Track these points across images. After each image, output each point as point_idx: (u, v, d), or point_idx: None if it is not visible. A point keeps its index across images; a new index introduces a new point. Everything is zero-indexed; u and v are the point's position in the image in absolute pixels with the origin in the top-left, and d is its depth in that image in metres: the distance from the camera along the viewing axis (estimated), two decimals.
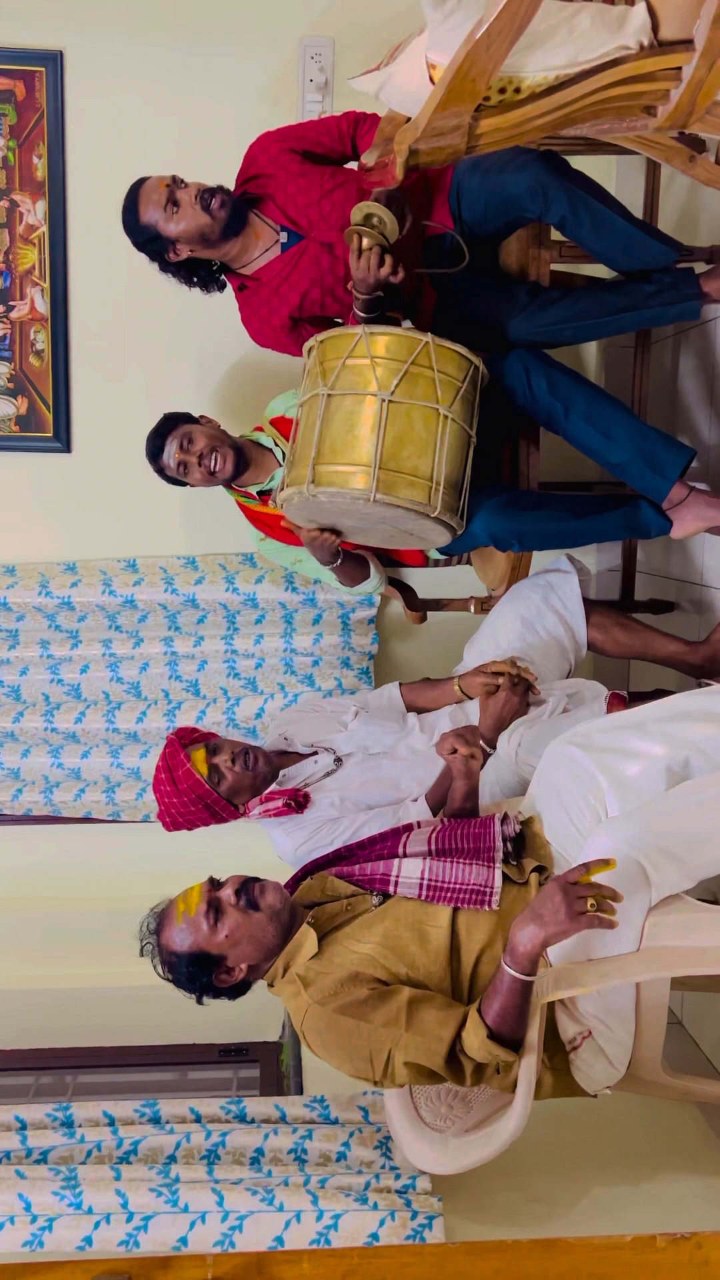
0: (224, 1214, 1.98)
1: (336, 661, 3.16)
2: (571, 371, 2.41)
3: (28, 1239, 1.97)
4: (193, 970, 1.87)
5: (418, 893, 1.88)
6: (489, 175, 2.36)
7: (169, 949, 1.90)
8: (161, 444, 2.60)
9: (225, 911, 1.87)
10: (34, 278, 3.07)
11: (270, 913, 1.88)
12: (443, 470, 2.22)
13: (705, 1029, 2.55)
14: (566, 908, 1.59)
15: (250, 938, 1.87)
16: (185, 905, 1.90)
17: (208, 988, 1.90)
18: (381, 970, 1.81)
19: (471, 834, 1.95)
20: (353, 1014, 1.76)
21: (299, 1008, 1.83)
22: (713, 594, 2.65)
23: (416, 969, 1.81)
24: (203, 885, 1.92)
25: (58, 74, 2.98)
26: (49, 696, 3.18)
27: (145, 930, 1.95)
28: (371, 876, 1.95)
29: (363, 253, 2.18)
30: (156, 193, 2.41)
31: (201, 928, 1.86)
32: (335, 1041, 1.79)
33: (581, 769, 1.86)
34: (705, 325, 2.67)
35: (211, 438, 2.61)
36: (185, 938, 1.87)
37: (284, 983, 1.88)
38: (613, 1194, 2.11)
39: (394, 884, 1.91)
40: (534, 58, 1.70)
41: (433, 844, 1.95)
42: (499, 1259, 1.33)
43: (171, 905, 1.94)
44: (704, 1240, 1.35)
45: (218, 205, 2.38)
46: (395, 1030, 1.73)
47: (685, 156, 2.01)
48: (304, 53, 3.00)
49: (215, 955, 1.87)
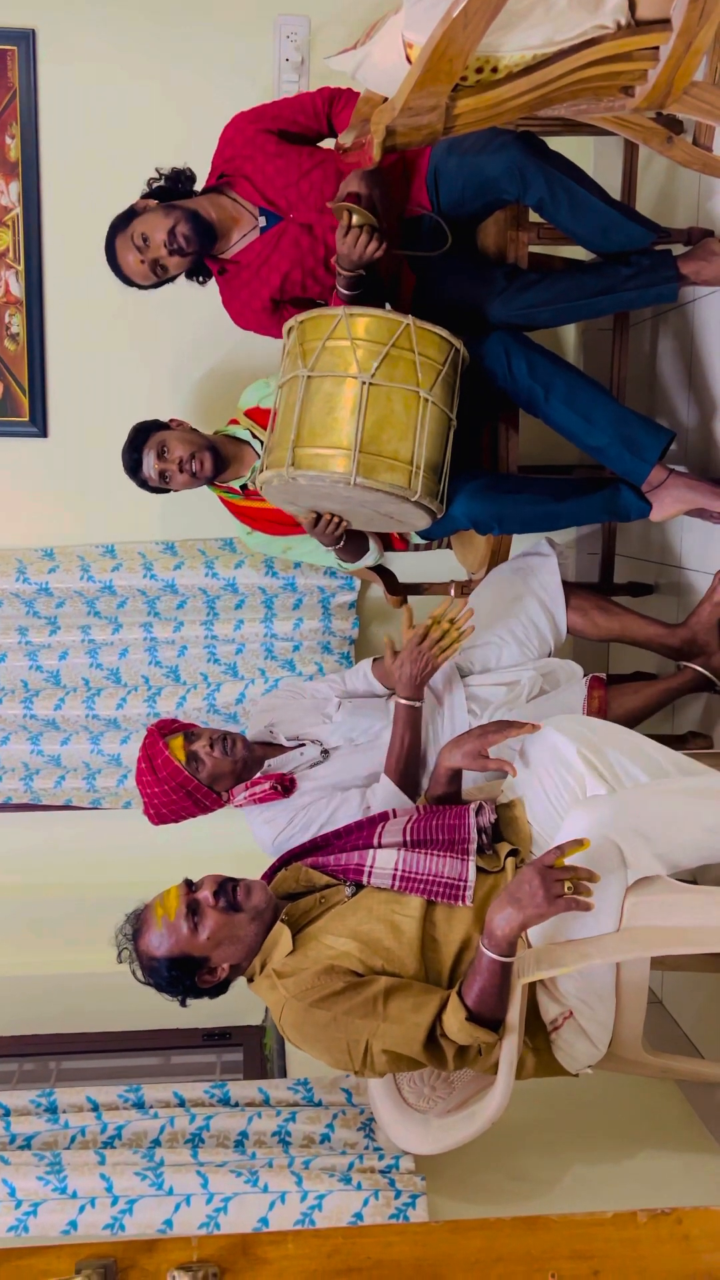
0: (208, 1196, 1.99)
1: (317, 646, 3.16)
2: (551, 354, 2.40)
3: (12, 1224, 1.98)
4: (174, 974, 1.87)
5: (391, 883, 1.88)
6: (466, 157, 2.34)
7: (149, 954, 1.89)
8: (138, 457, 2.59)
9: (205, 913, 1.86)
10: (8, 260, 3.04)
11: (253, 913, 1.88)
12: (423, 454, 2.22)
13: (685, 1008, 2.58)
14: (544, 891, 1.59)
15: (232, 938, 1.87)
16: (164, 909, 1.89)
17: (190, 990, 1.90)
18: (357, 963, 1.82)
19: (446, 825, 1.96)
20: (329, 1006, 1.77)
21: (277, 1002, 1.84)
22: (691, 576, 2.66)
23: (391, 961, 1.82)
24: (179, 888, 1.91)
25: (30, 53, 2.94)
26: (28, 683, 3.16)
27: (122, 936, 1.94)
28: (345, 867, 1.95)
29: (350, 229, 2.18)
30: (131, 254, 2.44)
31: (182, 930, 1.86)
32: (313, 1035, 1.80)
33: (563, 755, 1.87)
34: (683, 307, 2.67)
35: (188, 443, 2.60)
36: (165, 941, 1.87)
37: (262, 978, 1.89)
38: (594, 1171, 2.13)
39: (367, 874, 1.91)
40: (511, 37, 1.69)
41: (408, 835, 1.95)
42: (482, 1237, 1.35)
43: (149, 910, 1.93)
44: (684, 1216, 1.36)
45: (185, 243, 2.41)
46: (372, 1021, 1.74)
47: (663, 137, 2.01)
48: (279, 31, 2.97)
49: (198, 958, 1.87)
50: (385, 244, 2.20)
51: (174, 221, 2.41)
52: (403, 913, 1.85)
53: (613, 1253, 1.34)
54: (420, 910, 1.85)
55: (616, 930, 1.72)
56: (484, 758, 1.98)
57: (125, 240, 2.45)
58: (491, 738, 1.97)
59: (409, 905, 1.86)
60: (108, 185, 2.78)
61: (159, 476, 2.60)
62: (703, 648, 2.49)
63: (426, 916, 1.85)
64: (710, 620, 2.48)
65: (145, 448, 2.59)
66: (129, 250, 2.45)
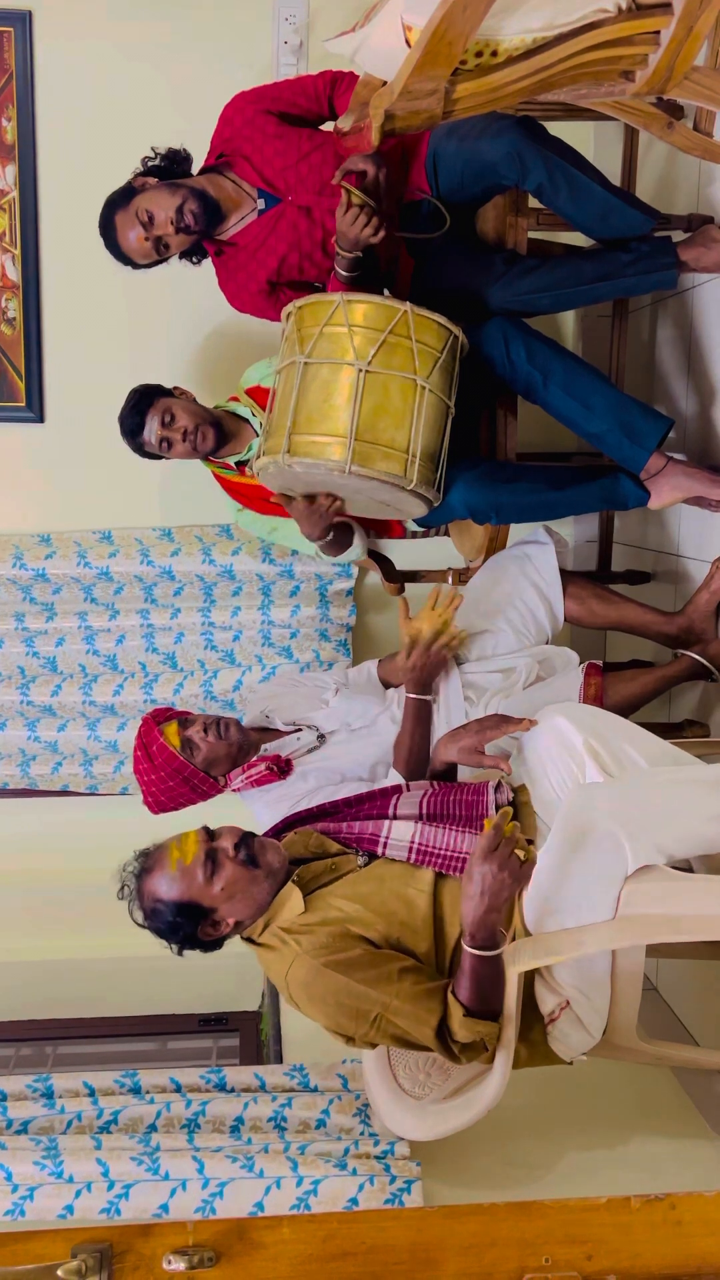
0: (204, 1181, 2.00)
1: (314, 633, 3.15)
2: (550, 340, 2.40)
3: (9, 1208, 1.99)
4: (178, 920, 1.83)
5: (407, 855, 1.87)
6: (465, 142, 2.33)
7: (155, 895, 1.84)
8: (141, 420, 2.56)
9: (222, 864, 1.82)
10: (4, 244, 3.02)
11: (268, 870, 1.85)
12: (419, 442, 2.21)
13: (680, 996, 2.59)
14: (506, 873, 1.59)
15: (245, 893, 1.83)
16: (180, 852, 1.84)
17: (189, 939, 1.86)
18: (375, 933, 1.80)
19: (465, 800, 1.93)
20: (344, 970, 1.74)
21: (283, 958, 1.80)
22: (689, 564, 2.65)
23: (405, 935, 1.81)
24: (198, 833, 1.87)
25: (26, 34, 2.92)
26: (24, 669, 3.16)
27: (127, 872, 1.89)
28: (360, 836, 1.93)
29: (349, 208, 2.17)
30: (134, 230, 2.42)
31: (197, 877, 1.81)
32: (321, 995, 1.77)
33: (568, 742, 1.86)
34: (683, 294, 2.66)
35: (193, 414, 2.58)
36: (176, 886, 1.82)
37: (267, 935, 1.85)
38: (589, 1157, 2.14)
39: (383, 845, 1.89)
40: (511, 20, 1.67)
41: (424, 808, 1.93)
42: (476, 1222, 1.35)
43: (163, 850, 1.88)
44: (677, 1201, 1.37)
45: (193, 221, 2.39)
46: (386, 995, 1.73)
47: (663, 123, 2.00)
48: (277, 14, 2.95)
49: (206, 908, 1.83)
50: (385, 228, 2.19)
51: (181, 199, 2.39)
52: (416, 886, 1.84)
53: (606, 1238, 1.34)
54: (430, 885, 1.83)
55: (612, 918, 1.72)
56: (479, 754, 1.98)
57: (127, 217, 2.42)
58: (488, 734, 1.96)
59: (422, 879, 1.84)
60: (105, 168, 2.74)
61: (159, 443, 2.58)
62: (700, 635, 2.49)
63: (435, 894, 1.84)
64: (707, 608, 2.48)
65: (150, 411, 2.56)
66: (131, 227, 2.42)
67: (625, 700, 2.44)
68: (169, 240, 2.43)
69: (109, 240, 2.47)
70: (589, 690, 2.39)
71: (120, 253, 2.48)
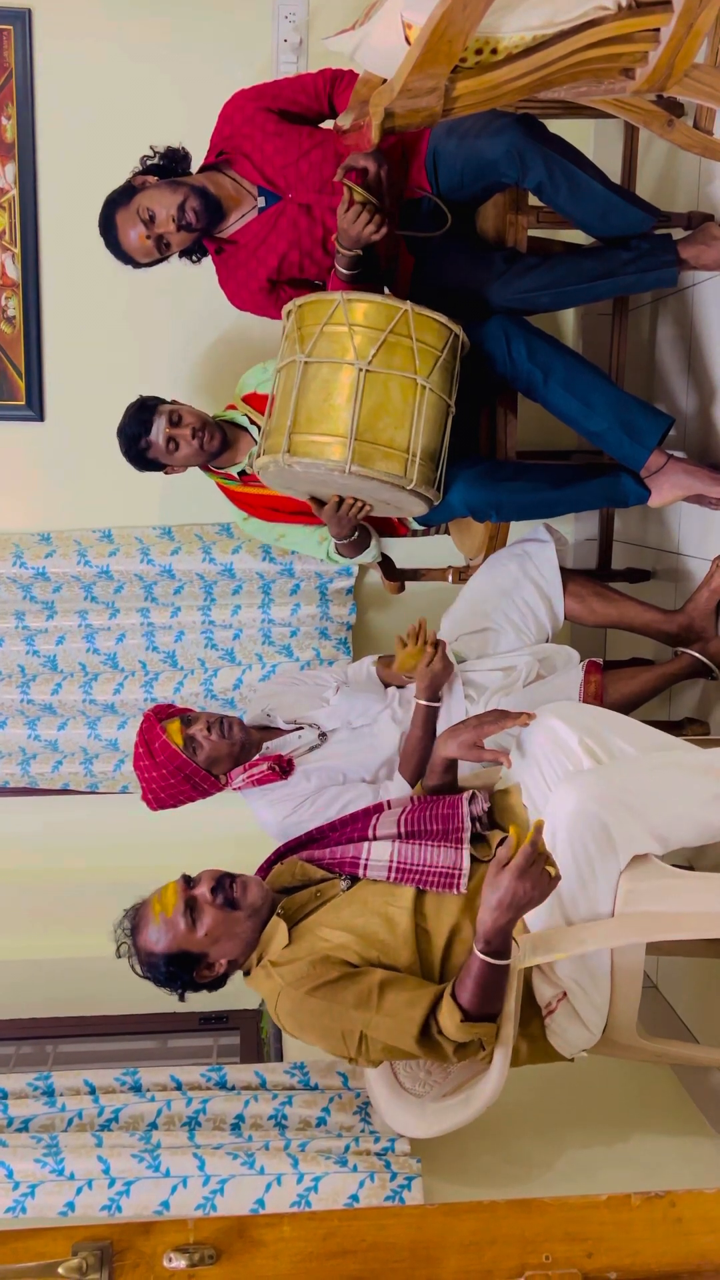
0: (205, 1178, 2.00)
1: (314, 632, 3.15)
2: (551, 338, 2.39)
3: (10, 1206, 1.99)
4: (172, 969, 1.89)
5: (386, 875, 1.89)
6: (465, 140, 2.33)
7: (148, 950, 1.90)
8: (146, 423, 2.56)
9: (202, 910, 1.88)
10: (4, 243, 3.02)
11: (250, 910, 1.89)
12: (419, 442, 2.21)
13: (680, 993, 2.59)
14: (535, 885, 1.58)
15: (230, 934, 1.88)
16: (161, 906, 1.90)
17: (189, 985, 1.92)
18: (353, 955, 1.83)
19: (440, 815, 1.96)
20: (324, 995, 1.78)
21: (272, 991, 1.85)
22: (689, 563, 2.65)
23: (386, 954, 1.83)
24: (177, 884, 1.92)
25: (26, 33, 2.91)
26: (25, 668, 3.16)
27: (120, 931, 1.95)
28: (341, 860, 1.96)
29: (351, 205, 2.17)
30: (135, 228, 2.42)
31: (180, 927, 1.87)
32: (308, 1023, 1.82)
33: (563, 741, 1.87)
34: (683, 292, 2.66)
35: (199, 415, 2.60)
36: (163, 938, 1.88)
37: (258, 970, 1.90)
38: (589, 1155, 2.14)
39: (363, 867, 1.92)
40: (511, 18, 1.67)
41: (402, 826, 1.96)
42: (476, 1219, 1.35)
43: (146, 906, 1.94)
44: (677, 1199, 1.37)
45: (195, 218, 2.39)
46: (366, 1012, 1.75)
47: (663, 120, 2.00)
48: (277, 12, 2.95)
49: (196, 954, 1.88)
50: (386, 226, 2.19)
51: (183, 197, 2.39)
52: (396, 904, 1.86)
53: (606, 1235, 1.34)
54: (411, 901, 1.85)
55: (612, 915, 1.72)
56: (479, 748, 1.98)
57: (128, 215, 2.42)
58: (487, 728, 1.97)
59: (402, 896, 1.86)
60: (104, 166, 2.74)
61: (166, 443, 2.57)
62: (700, 633, 2.49)
63: (416, 908, 1.85)
64: (707, 606, 2.48)
65: (157, 413, 2.57)
66: (133, 225, 2.42)
67: (625, 698, 2.44)
68: (170, 238, 2.43)
69: (109, 239, 2.47)
70: (589, 688, 2.39)
71: (121, 251, 2.48)
